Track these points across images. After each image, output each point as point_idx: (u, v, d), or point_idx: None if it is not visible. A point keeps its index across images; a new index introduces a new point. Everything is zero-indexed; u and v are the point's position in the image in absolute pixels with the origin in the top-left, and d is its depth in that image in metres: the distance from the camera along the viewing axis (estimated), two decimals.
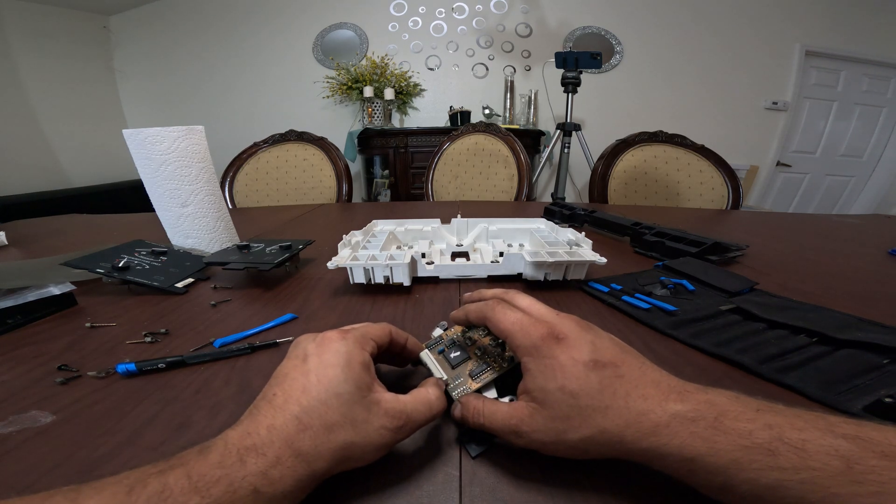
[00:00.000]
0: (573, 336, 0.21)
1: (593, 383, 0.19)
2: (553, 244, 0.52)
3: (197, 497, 0.15)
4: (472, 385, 0.24)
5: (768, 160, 2.86)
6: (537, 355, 0.21)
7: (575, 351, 0.20)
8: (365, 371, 0.21)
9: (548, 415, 0.19)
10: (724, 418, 0.16)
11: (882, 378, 0.27)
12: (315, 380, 0.20)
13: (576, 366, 0.20)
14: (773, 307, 0.38)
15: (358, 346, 0.22)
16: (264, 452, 0.17)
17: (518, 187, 1.35)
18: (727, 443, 0.16)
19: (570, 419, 0.19)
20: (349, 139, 2.46)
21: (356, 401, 0.19)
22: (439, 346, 0.28)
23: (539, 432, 0.19)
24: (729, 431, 0.16)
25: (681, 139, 1.26)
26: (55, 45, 2.54)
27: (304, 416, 0.18)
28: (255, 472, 0.16)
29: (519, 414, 0.20)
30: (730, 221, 0.92)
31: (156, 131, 0.53)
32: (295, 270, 0.55)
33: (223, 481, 0.16)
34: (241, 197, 1.36)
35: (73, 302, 0.43)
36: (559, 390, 0.19)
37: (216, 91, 2.90)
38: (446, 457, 0.23)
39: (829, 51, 2.65)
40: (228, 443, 0.17)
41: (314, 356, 0.21)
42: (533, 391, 0.20)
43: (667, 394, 0.18)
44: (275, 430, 0.18)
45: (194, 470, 0.16)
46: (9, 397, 0.28)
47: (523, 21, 2.73)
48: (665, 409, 0.18)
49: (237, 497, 0.16)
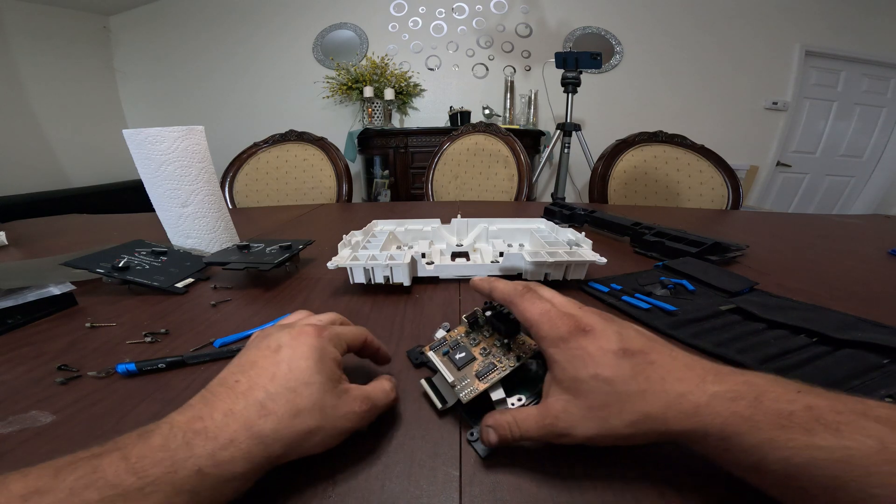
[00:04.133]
0: (599, 328, 0.21)
1: (626, 370, 0.19)
2: (553, 244, 0.52)
3: (133, 478, 0.15)
4: (480, 385, 0.24)
5: (768, 160, 2.86)
6: (564, 346, 0.21)
7: (602, 341, 0.20)
8: (336, 367, 0.22)
9: (584, 404, 0.19)
10: (763, 398, 0.17)
11: (882, 378, 0.27)
12: (286, 368, 0.20)
13: (606, 355, 0.20)
14: (773, 307, 0.38)
15: (332, 345, 0.23)
16: (215, 436, 0.17)
17: (518, 187, 1.35)
18: (766, 422, 0.16)
19: (609, 406, 0.19)
20: (349, 139, 2.46)
21: (327, 390, 0.20)
22: (443, 348, 0.27)
23: (579, 426, 0.19)
24: (769, 411, 0.16)
25: (681, 139, 1.26)
26: (55, 46, 2.54)
27: (269, 403, 0.19)
28: (201, 454, 0.16)
29: (552, 411, 0.20)
30: (730, 221, 0.92)
31: (156, 131, 0.53)
32: (295, 270, 0.55)
33: (164, 462, 0.15)
34: (241, 197, 1.36)
35: (73, 302, 0.43)
36: (593, 378, 0.19)
37: (216, 91, 2.90)
38: (446, 457, 0.23)
39: (829, 51, 2.65)
40: (174, 426, 0.17)
41: (288, 347, 0.21)
42: (564, 381, 0.20)
43: (703, 375, 0.19)
44: (232, 415, 0.18)
45: (132, 452, 0.15)
46: (9, 397, 0.28)
47: (523, 21, 2.73)
48: (704, 390, 0.18)
49: (178, 477, 0.15)
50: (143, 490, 0.14)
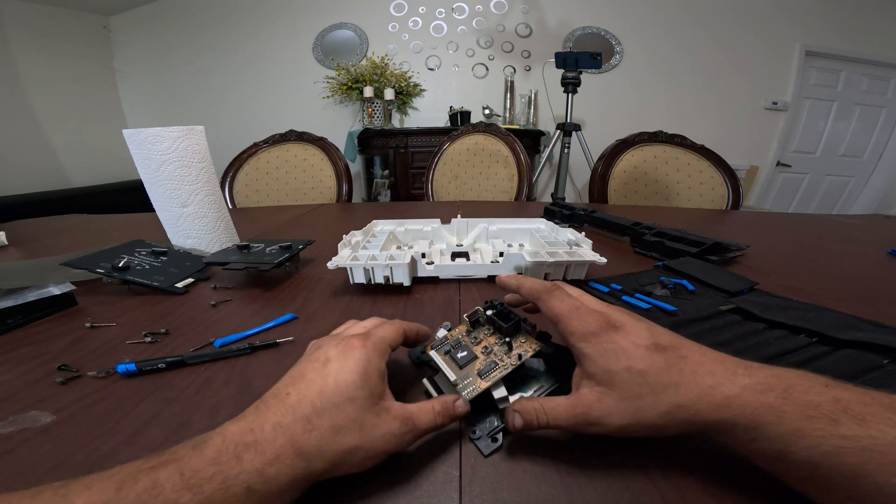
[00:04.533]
0: (629, 324, 0.22)
1: (659, 363, 0.20)
2: (553, 244, 0.52)
3: (189, 494, 0.15)
4: (482, 384, 0.24)
5: (768, 160, 2.86)
6: (595, 341, 0.21)
7: (634, 336, 0.21)
8: (380, 380, 0.21)
9: (618, 395, 0.20)
10: (792, 391, 0.17)
11: (882, 378, 0.27)
12: (332, 383, 0.20)
13: (638, 349, 0.20)
14: (772, 307, 0.38)
15: (377, 355, 0.22)
16: (263, 449, 0.17)
17: (518, 187, 1.35)
18: (794, 413, 0.16)
19: (643, 397, 0.19)
20: (349, 139, 2.46)
21: (368, 407, 0.20)
22: (445, 347, 0.28)
23: (613, 415, 0.20)
24: (797, 403, 0.17)
25: (681, 139, 1.26)
26: (55, 45, 2.54)
27: (315, 418, 0.19)
28: (250, 470, 0.16)
29: (584, 401, 0.21)
30: (730, 221, 0.92)
31: (156, 131, 0.53)
32: (295, 270, 0.55)
33: (217, 478, 0.16)
34: (241, 197, 1.36)
35: (73, 302, 0.43)
36: (626, 370, 0.20)
37: (216, 91, 2.90)
38: (446, 457, 0.23)
39: (829, 51, 2.65)
40: (227, 438, 0.17)
41: (336, 361, 0.21)
42: (597, 374, 0.21)
43: (733, 369, 0.19)
44: (280, 428, 0.18)
45: (187, 466, 0.16)
46: (9, 397, 0.28)
47: (523, 21, 2.73)
48: (735, 383, 0.18)
49: (230, 494, 0.15)
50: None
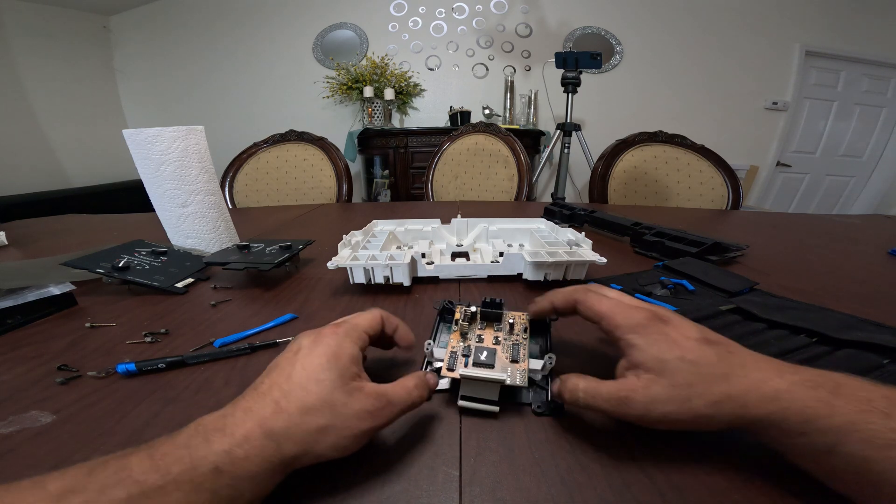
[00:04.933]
0: (677, 320, 0.22)
1: (710, 355, 0.20)
2: (553, 244, 0.52)
3: (156, 475, 0.15)
4: (523, 366, 0.25)
5: (768, 160, 2.86)
6: (645, 332, 0.22)
7: (684, 329, 0.22)
8: (352, 363, 0.22)
9: (668, 383, 0.20)
10: (842, 388, 0.17)
11: (882, 378, 0.27)
12: (300, 367, 0.20)
13: (689, 341, 0.21)
14: (772, 307, 0.38)
15: (349, 340, 0.22)
16: (232, 432, 0.17)
17: (518, 187, 1.35)
18: (847, 407, 0.17)
19: (694, 385, 0.20)
20: (349, 139, 2.46)
21: (337, 386, 0.20)
22: (462, 361, 0.26)
23: (660, 402, 0.20)
24: (849, 397, 0.17)
25: (681, 139, 1.26)
26: (55, 45, 2.54)
27: (283, 400, 0.19)
28: (217, 451, 0.16)
29: (630, 386, 0.21)
30: (730, 221, 0.92)
31: (156, 131, 0.53)
32: (295, 270, 0.55)
33: (185, 460, 0.16)
34: (241, 197, 1.36)
35: (73, 302, 0.43)
36: (679, 360, 0.20)
37: (216, 91, 2.90)
38: (446, 457, 0.23)
39: (829, 51, 2.65)
40: (200, 424, 0.18)
41: (306, 349, 0.22)
42: (646, 363, 0.21)
43: (779, 367, 0.20)
44: (250, 412, 0.18)
45: (158, 451, 0.16)
46: (9, 397, 0.28)
47: (523, 21, 2.73)
48: (784, 378, 0.19)
49: (197, 475, 0.16)
50: (164, 488, 0.15)
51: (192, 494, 0.15)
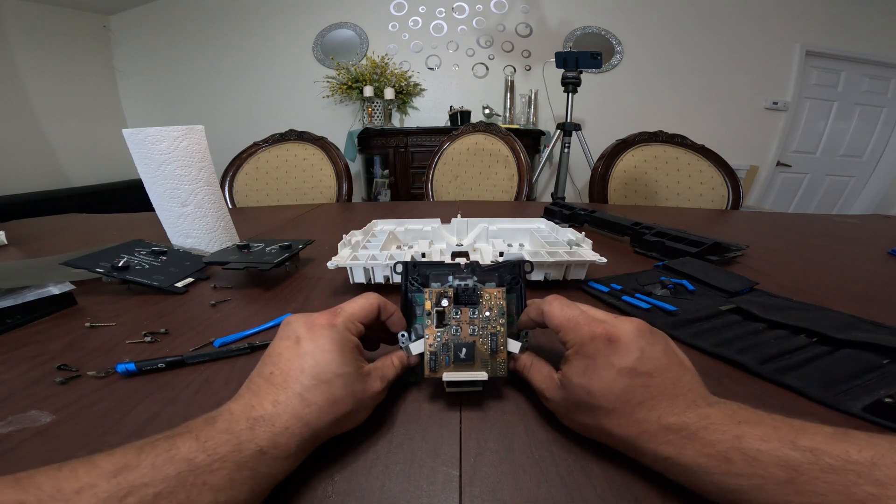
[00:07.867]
0: (626, 340, 0.21)
1: (615, 389, 0.21)
2: (553, 244, 0.52)
3: (204, 455, 0.16)
4: (501, 356, 0.26)
5: (768, 160, 2.86)
6: (581, 354, 0.22)
7: (619, 356, 0.21)
8: (358, 353, 0.24)
9: (564, 396, 0.23)
10: (702, 431, 0.18)
11: (882, 378, 0.27)
12: (312, 362, 0.21)
13: (610, 370, 0.21)
14: (772, 307, 0.38)
15: (348, 332, 0.24)
16: (273, 423, 0.19)
17: (518, 187, 1.35)
18: (692, 451, 0.18)
19: (578, 407, 0.22)
20: (349, 139, 2.46)
21: (356, 378, 0.22)
22: (442, 359, 0.26)
23: (555, 404, 0.24)
24: (698, 441, 0.18)
25: (681, 139, 1.26)
26: (55, 45, 2.54)
27: (307, 394, 0.21)
28: (263, 437, 0.18)
29: (548, 385, 0.24)
30: (730, 221, 0.92)
31: (156, 131, 0.53)
32: (295, 270, 0.55)
33: (231, 442, 0.17)
34: (241, 197, 1.36)
35: (72, 302, 0.43)
36: (580, 387, 0.22)
37: (216, 90, 2.90)
38: (446, 457, 0.23)
39: (829, 51, 2.65)
40: (234, 413, 0.19)
41: (307, 340, 0.22)
42: (563, 376, 0.23)
43: (676, 407, 0.20)
44: (280, 405, 0.20)
45: (202, 434, 0.17)
46: (9, 397, 0.28)
47: (523, 21, 2.73)
48: (659, 422, 0.19)
49: (242, 456, 0.17)
50: (210, 466, 0.16)
51: (235, 472, 0.17)
